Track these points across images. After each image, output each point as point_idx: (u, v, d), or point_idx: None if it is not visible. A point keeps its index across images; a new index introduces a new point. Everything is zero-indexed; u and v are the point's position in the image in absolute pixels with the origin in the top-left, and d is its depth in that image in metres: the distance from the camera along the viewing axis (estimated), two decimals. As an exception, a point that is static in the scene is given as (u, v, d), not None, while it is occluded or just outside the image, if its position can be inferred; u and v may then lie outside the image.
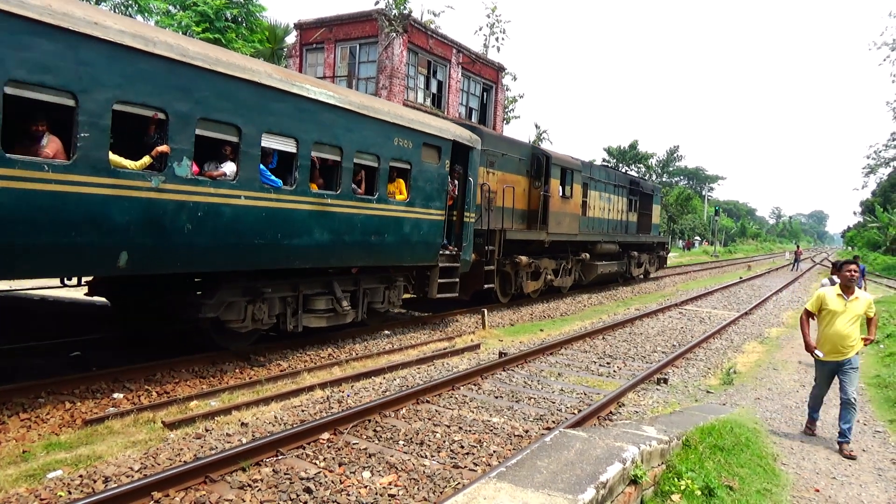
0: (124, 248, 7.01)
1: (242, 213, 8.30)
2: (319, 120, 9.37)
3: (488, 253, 15.14)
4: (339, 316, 10.80)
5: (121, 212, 6.90)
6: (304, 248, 9.33)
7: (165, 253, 7.52)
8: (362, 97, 11.04)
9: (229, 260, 8.38)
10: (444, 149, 12.30)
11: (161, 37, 7.30)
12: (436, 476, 5.40)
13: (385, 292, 12.02)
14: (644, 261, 28.38)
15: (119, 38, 6.67)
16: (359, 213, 10.31)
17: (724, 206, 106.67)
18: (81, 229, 6.57)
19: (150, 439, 6.11)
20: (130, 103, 6.94)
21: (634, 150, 59.86)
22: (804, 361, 11.86)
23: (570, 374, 9.71)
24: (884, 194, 72.75)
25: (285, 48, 25.58)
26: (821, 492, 5.88)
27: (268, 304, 9.43)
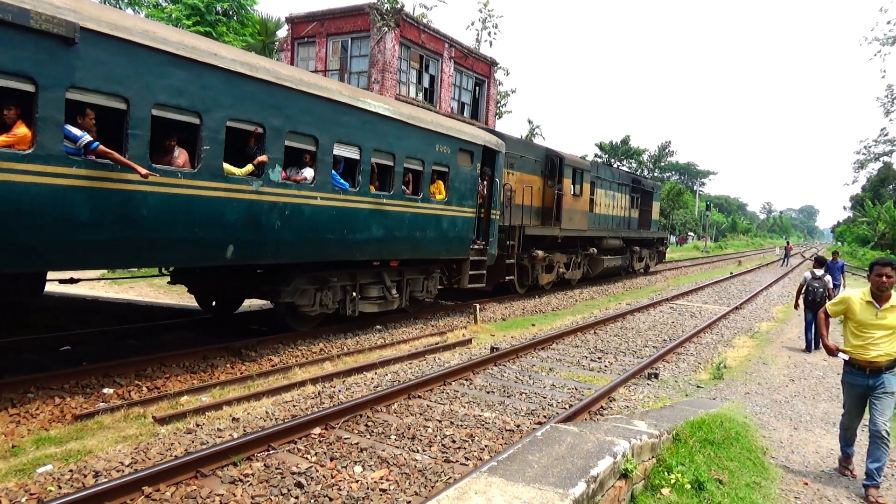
0: (231, 242, 8.41)
1: (318, 212, 9.75)
2: (377, 130, 10.85)
3: (509, 247, 16.52)
4: (388, 302, 12.31)
5: (230, 211, 8.30)
6: (363, 242, 10.78)
7: (260, 246, 8.90)
8: (411, 109, 12.48)
9: (307, 252, 9.82)
10: (476, 153, 13.82)
11: (260, 62, 8.80)
12: (427, 470, 5.41)
13: (424, 282, 13.47)
14: (645, 255, 29.95)
15: (231, 65, 8.03)
16: (407, 212, 11.81)
17: (715, 201, 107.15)
18: (203, 226, 7.97)
19: (140, 434, 6.09)
20: (239, 120, 8.36)
21: (626, 146, 60.00)
22: (793, 357, 11.95)
23: (562, 369, 9.74)
24: (873, 189, 73.27)
25: (277, 42, 25.46)
26: (809, 485, 5.93)
27: (332, 292, 10.94)
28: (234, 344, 9.66)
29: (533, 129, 44.87)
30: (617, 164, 55.85)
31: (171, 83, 7.34)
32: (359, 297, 11.57)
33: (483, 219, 14.63)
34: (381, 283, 12.05)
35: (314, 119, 9.49)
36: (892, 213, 57.04)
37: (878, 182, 73.51)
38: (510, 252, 16.66)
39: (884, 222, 58.26)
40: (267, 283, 10.33)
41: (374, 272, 11.98)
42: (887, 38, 43.47)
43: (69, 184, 6.51)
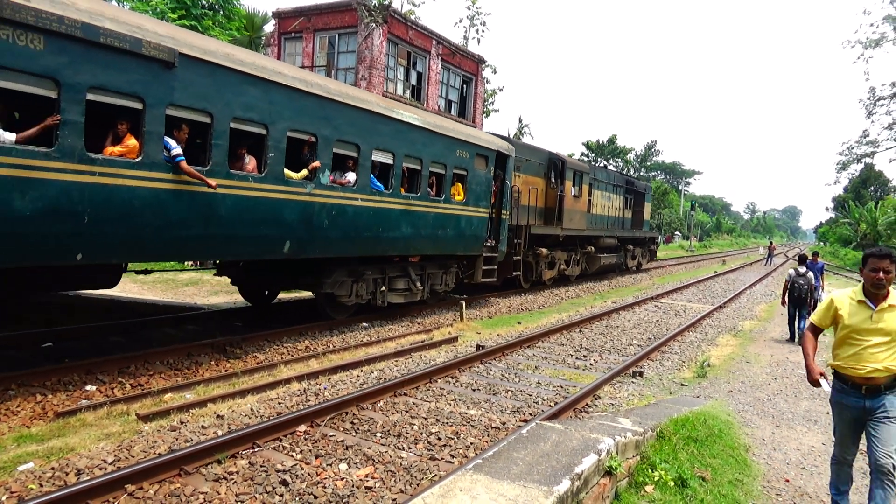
0: (288, 238, 9.54)
1: (358, 212, 10.92)
2: (408, 138, 12.04)
3: (516, 245, 17.66)
4: (413, 294, 13.56)
5: (288, 211, 9.43)
6: (394, 238, 11.99)
7: (311, 242, 10.01)
8: (436, 118, 13.83)
9: (348, 248, 10.96)
10: (490, 157, 15.05)
11: (314, 79, 9.98)
12: (413, 468, 5.41)
13: (443, 276, 14.72)
14: (637, 254, 31.49)
15: (292, 82, 9.14)
16: (431, 211, 13.00)
17: (700, 201, 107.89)
18: (268, 224, 9.13)
19: (123, 432, 6.05)
20: (297, 131, 9.51)
21: (613, 145, 60.28)
22: (776, 355, 12.08)
23: (547, 367, 9.78)
24: (855, 190, 74.18)
25: (263, 37, 25.28)
26: (791, 482, 6.00)
27: (366, 284, 12.13)
28: (218, 341, 9.61)
29: (521, 127, 44.93)
30: (603, 164, 56.10)
31: (246, 100, 8.47)
32: (387, 289, 12.78)
33: (494, 218, 15.73)
34: (406, 276, 13.35)
35: (357, 129, 10.68)
36: (874, 214, 57.81)
37: (859, 183, 74.43)
38: (517, 249, 17.73)
39: (865, 223, 59.04)
40: (309, 275, 11.31)
41: (401, 267, 13.26)
42: (870, 40, 43.96)
43: (167, 187, 7.60)
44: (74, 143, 6.61)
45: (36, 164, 6.32)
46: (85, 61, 6.60)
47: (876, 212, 58.26)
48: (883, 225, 55.08)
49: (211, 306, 13.29)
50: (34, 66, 6.21)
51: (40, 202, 6.40)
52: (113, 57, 6.84)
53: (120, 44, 6.81)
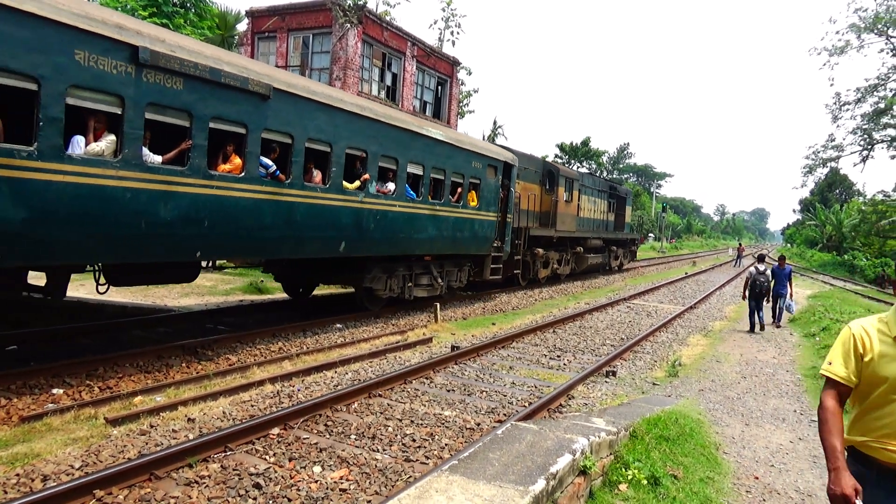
0: (343, 239, 11.22)
1: (396, 217, 12.63)
2: (434, 151, 13.76)
3: (516, 245, 19.22)
4: (434, 289, 15.33)
5: (345, 216, 11.17)
6: (422, 240, 13.73)
7: (360, 242, 11.70)
8: (457, 134, 16.26)
9: (387, 248, 12.71)
10: (498, 167, 16.85)
11: (365, 104, 11.83)
12: (388, 470, 5.39)
13: (458, 273, 16.45)
14: (620, 254, 33.56)
15: (350, 107, 10.93)
16: (451, 216, 14.68)
17: (671, 203, 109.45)
18: (330, 227, 10.88)
19: (91, 436, 5.92)
20: (353, 148, 11.20)
21: (587, 147, 60.74)
22: (745, 354, 12.29)
23: (522, 367, 9.82)
24: (821, 193, 75.89)
25: (236, 36, 25.00)
26: (760, 479, 6.11)
27: (397, 279, 13.83)
28: (189, 342, 9.47)
29: (496, 128, 45.09)
30: (576, 166, 56.58)
31: (316, 123, 10.19)
32: (413, 284, 14.47)
33: (500, 222, 17.28)
34: (429, 273, 15.11)
35: (396, 145, 12.39)
36: (839, 217, 59.19)
37: (825, 186, 76.16)
38: (517, 249, 19.38)
39: (831, 225, 60.44)
40: (351, 271, 12.93)
41: (424, 265, 14.92)
42: (835, 48, 45.01)
43: (260, 197, 9.30)
44: (200, 162, 8.26)
45: (175, 180, 7.94)
46: (210, 97, 8.27)
47: (841, 214, 59.69)
48: (848, 227, 56.45)
49: (182, 308, 13.10)
50: (176, 102, 7.84)
51: (177, 210, 7.99)
52: (228, 93, 8.51)
53: (233, 82, 8.47)
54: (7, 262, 6.79)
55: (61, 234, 6.88)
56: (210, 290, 15.69)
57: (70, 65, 6.62)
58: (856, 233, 54.74)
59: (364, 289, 13.13)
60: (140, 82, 7.35)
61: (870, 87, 46.37)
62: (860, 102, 47.39)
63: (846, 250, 53.90)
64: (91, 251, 7.45)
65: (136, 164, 7.44)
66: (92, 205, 7.07)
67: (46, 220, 6.67)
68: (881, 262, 44.02)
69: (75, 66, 6.67)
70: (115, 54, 7.05)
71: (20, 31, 6.17)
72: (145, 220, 7.63)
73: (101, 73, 6.94)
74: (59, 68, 6.53)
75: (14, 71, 6.20)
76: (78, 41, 6.66)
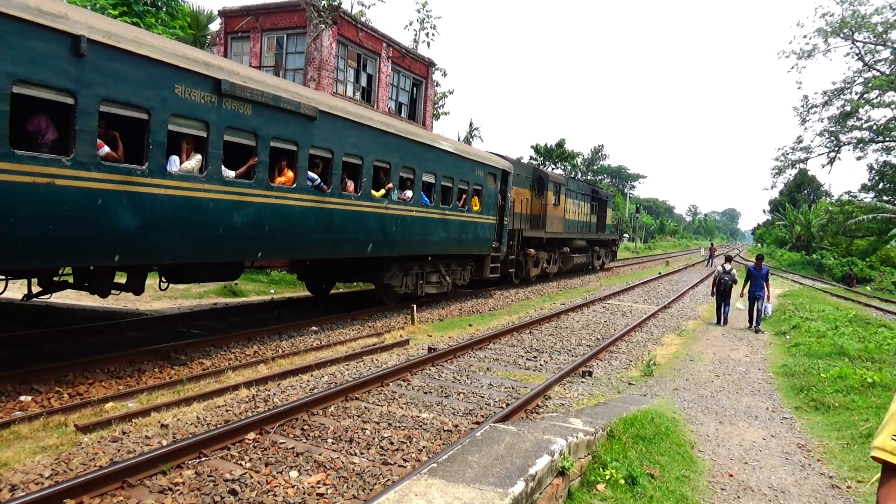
0: (371, 241, 12.61)
1: (413, 220, 14.03)
2: (444, 161, 15.32)
3: (511, 246, 20.62)
4: (442, 286, 16.82)
5: (372, 220, 12.55)
6: (433, 241, 15.16)
7: (384, 244, 13.07)
8: (463, 145, 18.02)
9: (405, 249, 14.03)
10: (497, 175, 18.40)
11: (390, 121, 13.60)
12: (365, 473, 5.35)
13: (461, 272, 17.82)
14: (602, 254, 35.58)
15: (378, 125, 12.47)
16: (458, 219, 16.15)
17: (645, 204, 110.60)
18: (361, 230, 12.24)
19: (61, 444, 5.78)
20: (379, 160, 12.65)
21: (561, 149, 61.08)
22: (718, 353, 12.46)
23: (499, 369, 9.83)
24: (790, 194, 77.41)
25: (209, 35, 24.68)
26: (734, 476, 6.19)
27: (411, 277, 15.28)
28: (162, 347, 9.32)
29: (472, 130, 45.17)
30: (551, 168, 56.89)
31: (351, 139, 11.66)
32: (424, 282, 15.85)
33: (498, 224, 18.72)
34: (438, 271, 16.54)
35: (414, 156, 13.86)
36: (808, 217, 60.39)
37: (794, 187, 77.70)
38: (511, 250, 20.73)
39: (800, 225, 61.64)
40: (372, 270, 14.36)
41: (433, 264, 16.29)
42: (803, 51, 45.93)
43: (307, 205, 10.72)
44: (263, 176, 9.65)
45: (244, 192, 9.34)
46: (271, 120, 9.64)
47: (810, 214, 60.91)
48: (816, 227, 57.63)
49: (154, 312, 12.89)
50: (246, 125, 9.24)
51: (245, 217, 9.41)
52: (285, 116, 9.89)
53: (289, 106, 9.87)
54: (127, 262, 8.13)
55: (164, 237, 8.20)
56: (183, 293, 15.47)
57: (171, 97, 7.97)
58: (824, 232, 55.90)
59: (384, 285, 14.63)
60: (221, 109, 8.76)
61: (836, 91, 47.40)
62: (827, 105, 48.43)
63: (815, 250, 55.03)
64: (185, 252, 8.78)
65: (216, 178, 8.84)
66: (186, 213, 8.45)
67: (154, 227, 7.98)
68: (848, 261, 44.97)
69: (175, 98, 8.03)
70: (203, 87, 8.41)
71: (138, 72, 7.48)
72: (223, 225, 9.07)
73: (193, 103, 8.32)
74: (164, 100, 7.87)
75: (134, 104, 7.52)
76: (178, 77, 8.01)
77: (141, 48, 7.47)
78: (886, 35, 42.97)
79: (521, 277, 23.36)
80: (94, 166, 7.15)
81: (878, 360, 11.35)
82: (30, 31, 6.40)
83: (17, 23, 6.29)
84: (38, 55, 6.49)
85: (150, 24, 18.90)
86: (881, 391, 8.93)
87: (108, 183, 7.32)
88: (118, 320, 11.34)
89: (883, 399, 8.61)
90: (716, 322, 16.78)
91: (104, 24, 7.28)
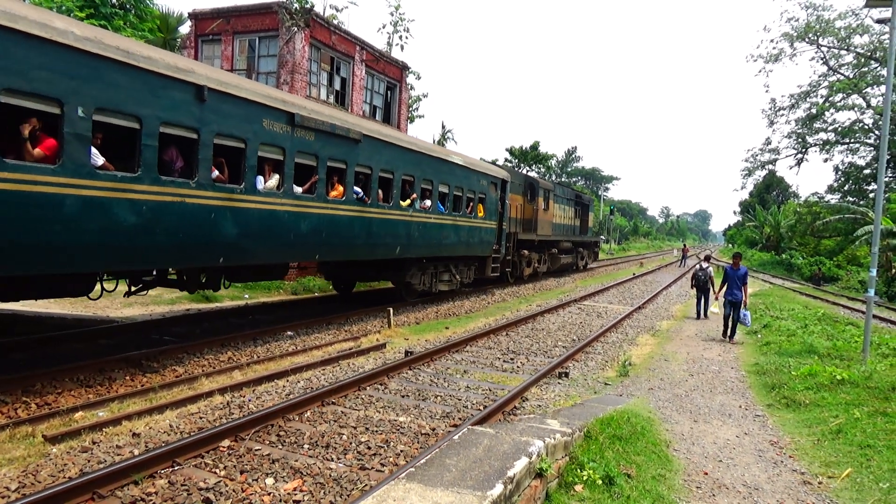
0: (399, 245, 14.68)
1: (431, 226, 16.16)
2: (456, 173, 17.52)
3: (508, 248, 22.60)
4: (452, 283, 19.09)
5: (400, 227, 14.68)
6: (447, 244, 17.32)
7: (409, 247, 15.22)
8: (471, 158, 19.71)
9: (424, 251, 16.18)
10: (498, 184, 20.72)
11: (413, 139, 16.20)
12: (342, 479, 5.30)
13: (467, 271, 20.02)
14: (585, 255, 37.97)
15: (404, 144, 14.77)
16: (467, 224, 18.31)
17: (619, 206, 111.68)
18: (392, 235, 14.32)
19: (29, 455, 5.64)
20: (406, 174, 14.76)
21: (536, 151, 61.35)
22: (692, 353, 12.60)
23: (476, 371, 9.83)
24: (759, 195, 78.78)
25: (179, 38, 24.36)
26: (709, 474, 6.25)
27: (427, 276, 17.52)
28: (133, 354, 9.15)
29: (445, 133, 45.20)
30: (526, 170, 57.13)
31: (385, 157, 13.74)
32: (437, 280, 18.02)
33: (498, 228, 20.90)
34: (449, 271, 18.78)
35: (432, 170, 16.05)
36: (777, 218, 61.51)
37: (763, 188, 79.12)
38: (508, 251, 22.80)
39: (769, 226, 62.75)
40: (395, 270, 16.40)
41: (445, 264, 18.45)
42: (770, 55, 46.86)
43: (353, 214, 12.76)
44: (322, 191, 11.68)
45: (308, 204, 11.36)
46: (328, 144, 11.69)
47: (779, 215, 62.04)
48: (785, 227, 58.72)
49: (125, 319, 12.64)
50: (310, 149, 11.29)
51: (309, 225, 11.42)
52: (338, 140, 11.95)
53: (341, 132, 12.00)
54: (229, 263, 10.00)
55: (253, 243, 10.18)
56: (155, 299, 15.21)
57: (260, 129, 10.01)
58: (792, 233, 56.99)
59: (405, 283, 16.65)
60: (293, 137, 10.81)
61: (803, 94, 48.46)
62: (794, 108, 49.52)
63: (784, 250, 56.02)
64: (267, 254, 10.83)
65: (290, 194, 10.85)
66: (268, 223, 10.42)
67: (247, 234, 9.95)
68: (816, 261, 45.92)
69: (262, 129, 10.06)
70: (281, 120, 10.46)
71: (239, 111, 9.53)
72: (293, 232, 11.06)
73: (275, 133, 10.37)
74: (256, 132, 9.91)
75: (236, 136, 9.55)
76: (264, 113, 10.06)
77: (241, 92, 9.55)
78: (849, 40, 44.07)
79: (516, 276, 25.49)
80: (210, 187, 9.10)
81: (847, 357, 11.59)
82: (171, 83, 8.27)
83: (164, 78, 8.14)
84: (176, 102, 8.38)
85: (118, 27, 18.58)
86: (850, 388, 9.10)
87: (218, 200, 9.31)
88: (88, 328, 11.11)
89: (852, 395, 8.79)
90: (695, 317, 17.99)
91: (216, 74, 9.33)
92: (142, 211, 8.02)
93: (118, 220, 7.74)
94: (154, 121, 8.01)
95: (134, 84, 7.74)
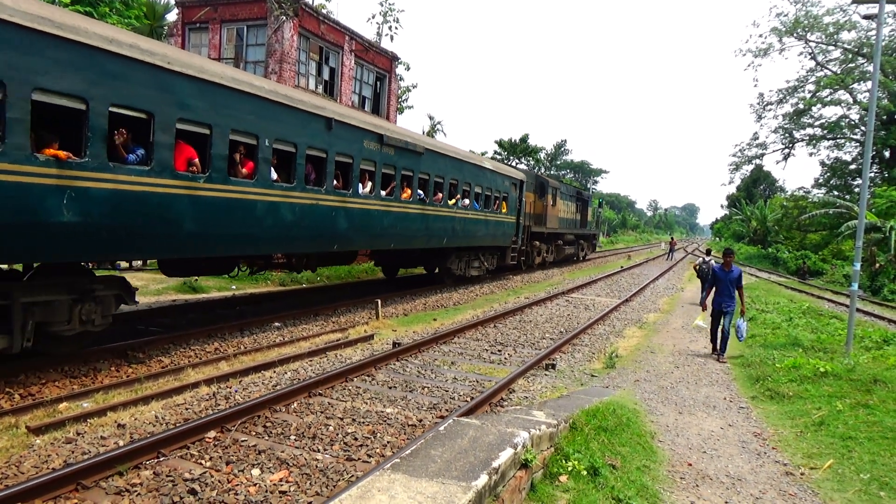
0: (445, 236, 17.52)
1: (469, 221, 19.12)
2: (486, 176, 20.56)
3: (523, 240, 25.70)
4: (481, 269, 22.23)
5: (447, 221, 17.49)
6: (479, 236, 20.29)
7: (453, 238, 18.15)
8: (498, 164, 23.91)
9: (464, 241, 19.23)
10: (517, 184, 23.96)
11: (458, 150, 19.03)
12: (329, 470, 5.31)
13: (491, 259, 23.18)
14: (585, 246, 41.80)
15: (453, 154, 18.07)
16: (494, 219, 21.42)
17: (607, 199, 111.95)
18: (442, 228, 17.34)
19: (12, 446, 5.60)
20: (453, 178, 17.82)
21: (525, 143, 61.33)
22: (678, 345, 12.69)
23: (463, 363, 9.85)
24: (747, 189, 79.26)
25: (166, 26, 24.09)
26: (693, 465, 6.31)
27: (463, 263, 20.52)
28: (118, 345, 9.09)
29: (434, 125, 45.10)
30: (516, 162, 57.16)
31: (439, 165, 16.70)
32: (469, 266, 21.05)
33: (516, 222, 24.00)
34: (478, 258, 21.94)
35: (471, 174, 19.20)
36: (764, 212, 61.93)
37: (750, 182, 79.60)
38: (523, 242, 25.87)
39: (756, 220, 63.16)
40: (439, 258, 19.78)
41: (475, 253, 21.59)
42: (759, 50, 47.08)
43: (416, 212, 15.73)
44: (398, 194, 14.67)
45: (388, 204, 14.36)
46: (402, 157, 14.74)
47: (765, 209, 62.47)
48: (771, 221, 59.13)
49: (111, 309, 12.54)
50: (391, 161, 14.30)
51: (389, 221, 14.43)
52: (409, 153, 14.98)
53: (412, 147, 15.12)
54: (340, 249, 13.15)
55: (356, 234, 13.21)
56: (141, 290, 15.10)
57: (362, 148, 13.06)
58: (779, 227, 57.38)
59: (445, 268, 19.89)
60: (381, 153, 13.78)
61: (790, 89, 48.75)
62: (782, 103, 49.81)
63: (770, 243, 56.43)
64: (363, 243, 14.21)
65: (377, 197, 13.82)
66: (365, 219, 13.48)
67: (352, 227, 12.93)
68: (802, 255, 46.28)
69: (363, 148, 13.11)
70: (374, 140, 13.51)
71: (349, 135, 12.55)
72: (379, 226, 14.08)
73: (371, 150, 13.41)
74: (359, 150, 12.97)
75: (347, 154, 12.53)
76: (364, 135, 13.14)
77: (352, 120, 12.67)
78: (837, 36, 44.33)
79: (528, 265, 28.82)
80: (333, 192, 12.14)
81: (830, 350, 11.72)
82: (313, 118, 11.41)
83: (309, 115, 11.25)
84: (315, 131, 11.50)
85: (103, 14, 18.34)
86: (833, 380, 9.21)
87: (337, 202, 12.33)
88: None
89: (834, 388, 8.89)
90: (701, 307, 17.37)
91: (338, 108, 12.75)
92: (295, 211, 11.11)
93: (283, 217, 10.83)
94: (303, 146, 11.15)
95: (294, 121, 10.88)
